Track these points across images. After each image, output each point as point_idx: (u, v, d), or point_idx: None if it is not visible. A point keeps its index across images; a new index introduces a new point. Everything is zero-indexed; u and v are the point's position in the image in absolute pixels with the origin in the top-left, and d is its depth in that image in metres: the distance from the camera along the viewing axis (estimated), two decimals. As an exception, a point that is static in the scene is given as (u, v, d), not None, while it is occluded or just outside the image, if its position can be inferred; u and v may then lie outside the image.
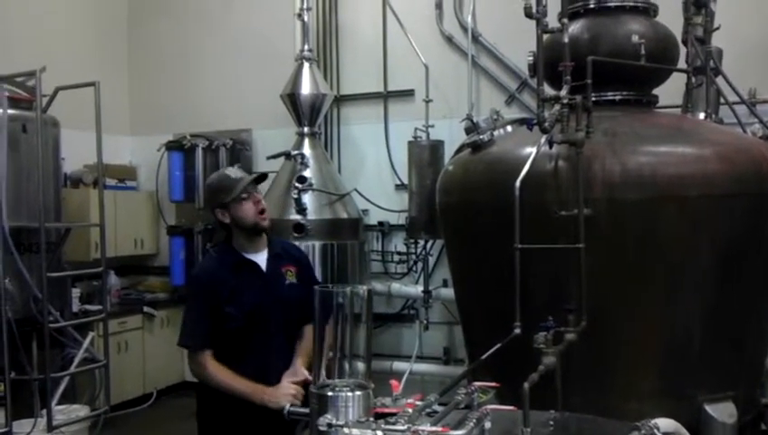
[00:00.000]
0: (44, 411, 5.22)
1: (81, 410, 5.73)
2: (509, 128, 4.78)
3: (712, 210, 3.86)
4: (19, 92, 5.72)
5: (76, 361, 5.72)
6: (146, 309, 7.92)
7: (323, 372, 2.26)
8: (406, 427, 2.02)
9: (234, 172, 3.49)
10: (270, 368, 3.40)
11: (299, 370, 3.39)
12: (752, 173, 3.95)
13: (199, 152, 7.96)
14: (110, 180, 7.89)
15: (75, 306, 6.77)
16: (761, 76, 6.14)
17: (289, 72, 7.22)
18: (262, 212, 3.43)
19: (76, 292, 6.87)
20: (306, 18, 7.18)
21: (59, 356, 5.80)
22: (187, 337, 3.49)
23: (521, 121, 4.80)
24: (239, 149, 8.08)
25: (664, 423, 2.58)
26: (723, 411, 3.91)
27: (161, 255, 8.60)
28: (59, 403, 5.53)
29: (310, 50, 7.20)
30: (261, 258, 3.52)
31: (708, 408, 3.90)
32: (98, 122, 5.75)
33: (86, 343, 5.82)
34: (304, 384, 3.26)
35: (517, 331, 3.68)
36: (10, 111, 5.39)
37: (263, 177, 3.60)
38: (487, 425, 2.19)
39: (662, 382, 3.97)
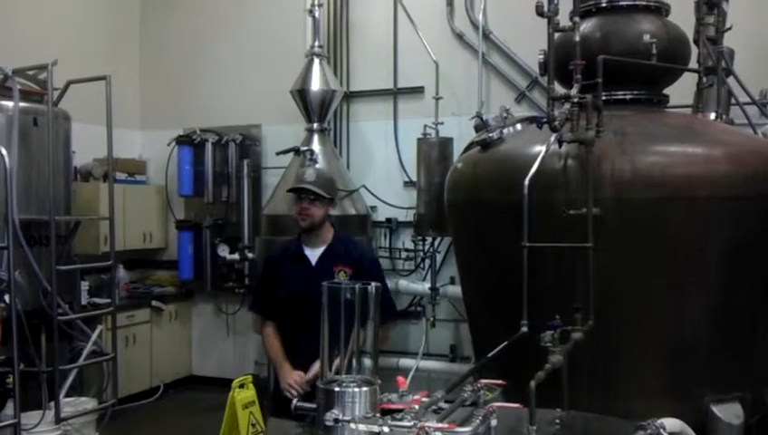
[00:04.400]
0: (52, 404, 5.24)
1: (88, 403, 5.74)
2: (518, 126, 4.77)
3: (721, 211, 3.85)
4: (31, 86, 5.73)
5: (84, 353, 5.73)
6: (154, 303, 7.95)
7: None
8: (412, 423, 2.02)
9: (310, 174, 3.89)
10: (308, 355, 3.59)
11: (313, 367, 3.56)
12: (762, 174, 3.94)
13: (209, 147, 7.99)
14: (119, 174, 7.91)
15: (84, 299, 6.78)
16: (772, 77, 6.12)
17: (299, 68, 7.24)
18: (302, 214, 3.81)
19: (85, 285, 6.89)
20: (317, 14, 7.19)
21: (67, 349, 5.81)
22: (252, 304, 4.46)
23: (530, 120, 4.80)
24: (249, 145, 8.09)
25: (670, 423, 2.58)
26: (729, 412, 3.90)
27: (170, 249, 8.63)
28: (67, 396, 5.54)
29: (320, 46, 7.21)
30: (315, 253, 3.90)
31: (715, 408, 3.90)
32: (108, 116, 5.76)
33: (94, 335, 5.84)
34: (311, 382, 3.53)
35: (524, 329, 3.68)
36: (21, 104, 5.40)
37: (309, 191, 3.82)
38: (493, 423, 2.19)
39: (669, 382, 3.97)
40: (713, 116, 4.66)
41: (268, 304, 4.00)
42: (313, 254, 3.90)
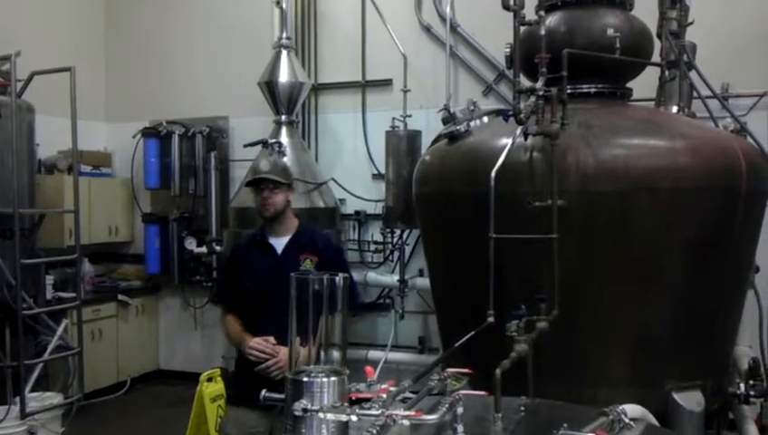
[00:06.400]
0: (17, 399, 5.20)
1: (54, 398, 5.70)
2: (485, 119, 4.81)
3: (683, 203, 3.92)
4: (-7, 77, 5.67)
5: (50, 348, 5.68)
6: (120, 297, 7.89)
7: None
8: (380, 411, 2.05)
9: (264, 164, 3.94)
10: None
11: (281, 348, 3.64)
12: (722, 167, 4.00)
13: (175, 139, 7.93)
14: (84, 167, 7.82)
15: (49, 293, 6.72)
16: (733, 71, 6.25)
17: (267, 60, 7.21)
18: (265, 204, 3.83)
19: (50, 279, 6.82)
20: (285, 6, 7.17)
21: (32, 343, 5.76)
22: (219, 296, 4.41)
23: (497, 112, 4.84)
24: (216, 137, 8.05)
25: (631, 409, 2.63)
26: (690, 400, 3.98)
27: (136, 242, 8.56)
28: (32, 391, 5.50)
29: (288, 38, 7.19)
30: (280, 242, 3.91)
31: (677, 396, 3.97)
32: (73, 108, 5.70)
33: (60, 330, 5.79)
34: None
35: (491, 319, 3.71)
36: (-17, 96, 5.33)
37: (267, 180, 3.83)
38: (459, 410, 2.22)
39: (632, 371, 4.04)
40: (675, 109, 4.73)
41: (234, 295, 3.97)
42: (279, 243, 3.90)
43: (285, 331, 3.52)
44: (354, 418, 2.06)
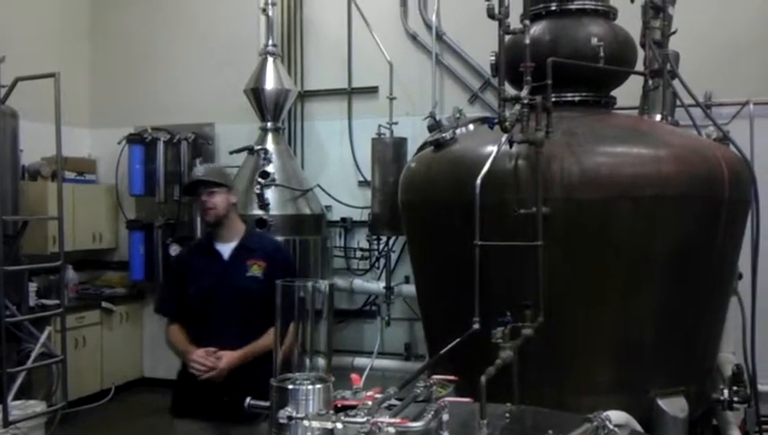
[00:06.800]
0: (0, 407, 5.15)
1: (37, 406, 5.64)
2: (471, 126, 4.83)
3: (666, 210, 3.95)
4: (-24, 83, 5.63)
5: (33, 356, 5.63)
6: (104, 304, 7.84)
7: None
8: (365, 419, 2.05)
9: (199, 169, 3.95)
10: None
11: (226, 355, 3.61)
12: (705, 175, 4.04)
13: (160, 146, 7.90)
14: (68, 173, 7.78)
15: (32, 301, 6.67)
16: (716, 80, 6.31)
17: (253, 67, 7.21)
18: (205, 207, 3.77)
19: (33, 286, 6.78)
20: (271, 13, 7.18)
21: (15, 351, 5.70)
22: (157, 304, 4.22)
23: (482, 120, 4.86)
24: (201, 143, 8.03)
25: (615, 416, 2.64)
26: (674, 406, 4.00)
27: (120, 249, 8.52)
28: (15, 399, 5.44)
29: (274, 45, 7.20)
30: (226, 248, 3.84)
31: (660, 402, 4.00)
32: (57, 114, 5.66)
33: (43, 337, 5.74)
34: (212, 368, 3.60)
35: (476, 326, 3.72)
36: (-33, 102, 5.30)
37: (206, 184, 3.77)
38: (445, 417, 2.22)
39: (616, 377, 4.06)
40: (658, 118, 4.76)
41: (177, 304, 3.88)
42: (225, 248, 3.85)
43: (231, 336, 3.64)
44: (339, 425, 2.06)
